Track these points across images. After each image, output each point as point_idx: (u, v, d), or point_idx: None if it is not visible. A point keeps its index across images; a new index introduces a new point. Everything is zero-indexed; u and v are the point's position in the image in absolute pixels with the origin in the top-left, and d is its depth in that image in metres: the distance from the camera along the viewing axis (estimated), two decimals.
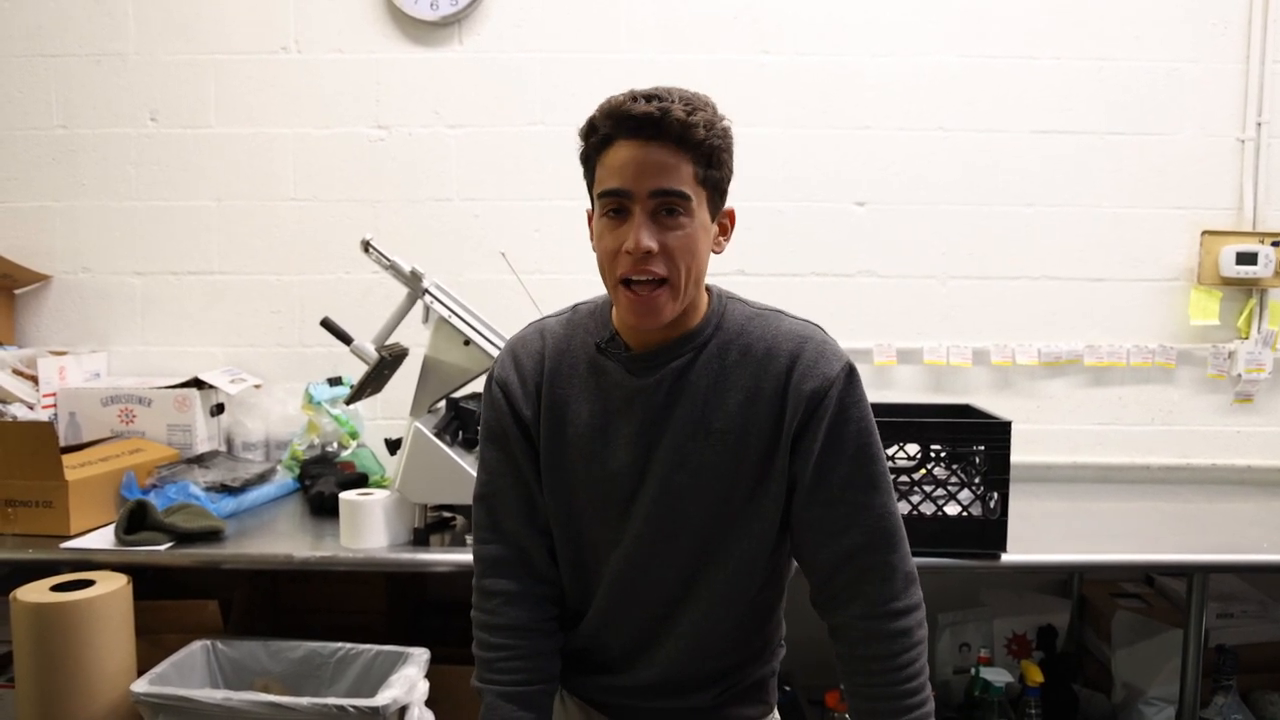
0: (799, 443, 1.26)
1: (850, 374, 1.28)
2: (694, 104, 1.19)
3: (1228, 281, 2.79)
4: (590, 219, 1.30)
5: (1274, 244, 2.76)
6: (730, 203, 1.31)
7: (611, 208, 1.21)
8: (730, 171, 1.26)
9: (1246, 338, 2.83)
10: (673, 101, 1.17)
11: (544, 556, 1.38)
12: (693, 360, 1.28)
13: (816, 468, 1.26)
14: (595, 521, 1.33)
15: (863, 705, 1.29)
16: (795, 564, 1.39)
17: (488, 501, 1.39)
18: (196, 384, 2.58)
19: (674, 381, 1.28)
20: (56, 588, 1.95)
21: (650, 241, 1.17)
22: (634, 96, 1.18)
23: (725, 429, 1.26)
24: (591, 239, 1.29)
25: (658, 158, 1.17)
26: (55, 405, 2.57)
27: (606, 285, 1.26)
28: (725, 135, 1.22)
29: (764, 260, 2.81)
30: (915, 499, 2.04)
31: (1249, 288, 2.82)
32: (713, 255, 1.28)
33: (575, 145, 1.27)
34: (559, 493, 1.34)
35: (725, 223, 1.29)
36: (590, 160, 1.24)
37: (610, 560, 1.34)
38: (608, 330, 1.32)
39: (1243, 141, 2.81)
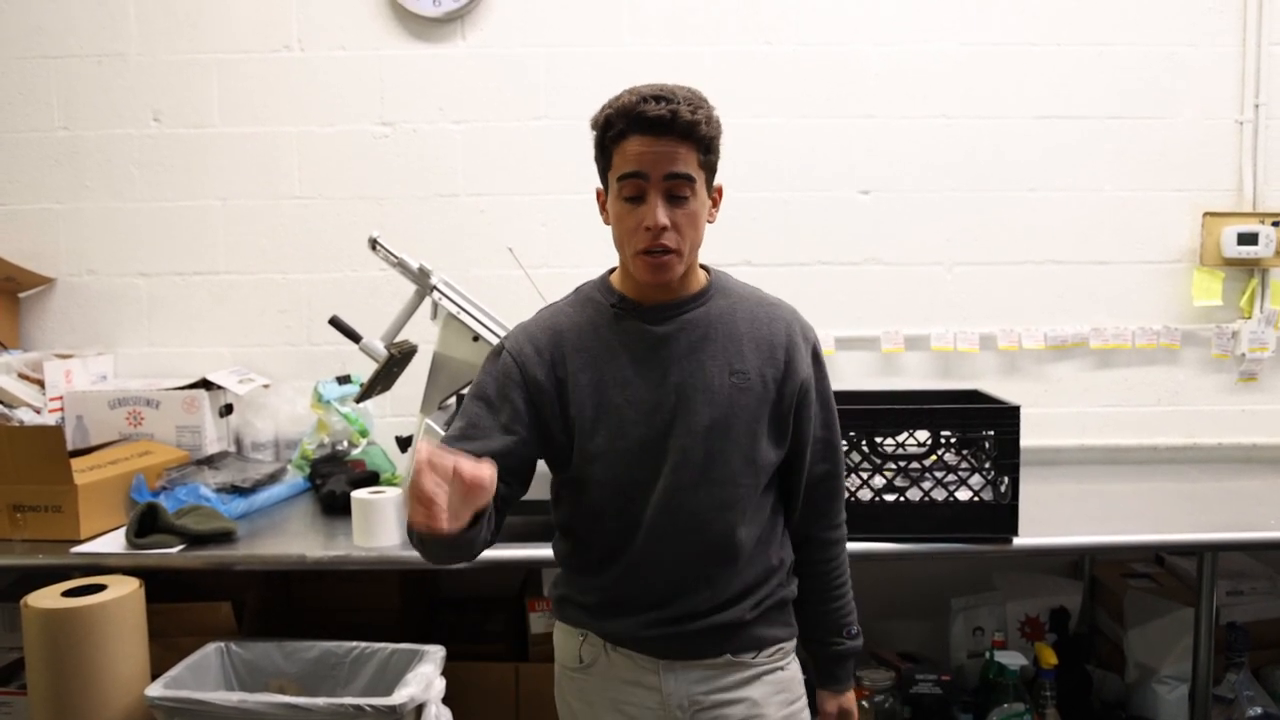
0: (802, 392, 1.52)
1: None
2: (694, 102, 1.41)
3: (1230, 262, 2.80)
4: (599, 196, 1.51)
5: (1274, 224, 2.77)
6: (734, 193, 1.61)
7: (630, 194, 1.42)
8: (719, 155, 1.47)
9: (1249, 317, 2.85)
10: (679, 103, 1.38)
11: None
12: (705, 312, 1.50)
13: (810, 411, 1.55)
14: (634, 464, 1.47)
15: (812, 597, 1.61)
16: None
17: (465, 434, 1.44)
18: (204, 385, 2.57)
19: (692, 328, 1.49)
20: (68, 593, 1.93)
21: (664, 219, 1.40)
22: (644, 98, 1.39)
23: (744, 370, 1.48)
24: (602, 213, 1.51)
25: (668, 148, 1.39)
26: (62, 409, 2.55)
27: (623, 254, 1.48)
28: (718, 125, 1.45)
29: (769, 250, 2.79)
30: (926, 485, 2.05)
31: (1251, 268, 2.83)
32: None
33: (580, 139, 1.46)
34: (599, 445, 1.46)
35: (716, 196, 1.51)
36: (606, 149, 1.45)
37: (651, 499, 1.47)
38: (616, 295, 1.52)
39: (1241, 123, 2.82)
